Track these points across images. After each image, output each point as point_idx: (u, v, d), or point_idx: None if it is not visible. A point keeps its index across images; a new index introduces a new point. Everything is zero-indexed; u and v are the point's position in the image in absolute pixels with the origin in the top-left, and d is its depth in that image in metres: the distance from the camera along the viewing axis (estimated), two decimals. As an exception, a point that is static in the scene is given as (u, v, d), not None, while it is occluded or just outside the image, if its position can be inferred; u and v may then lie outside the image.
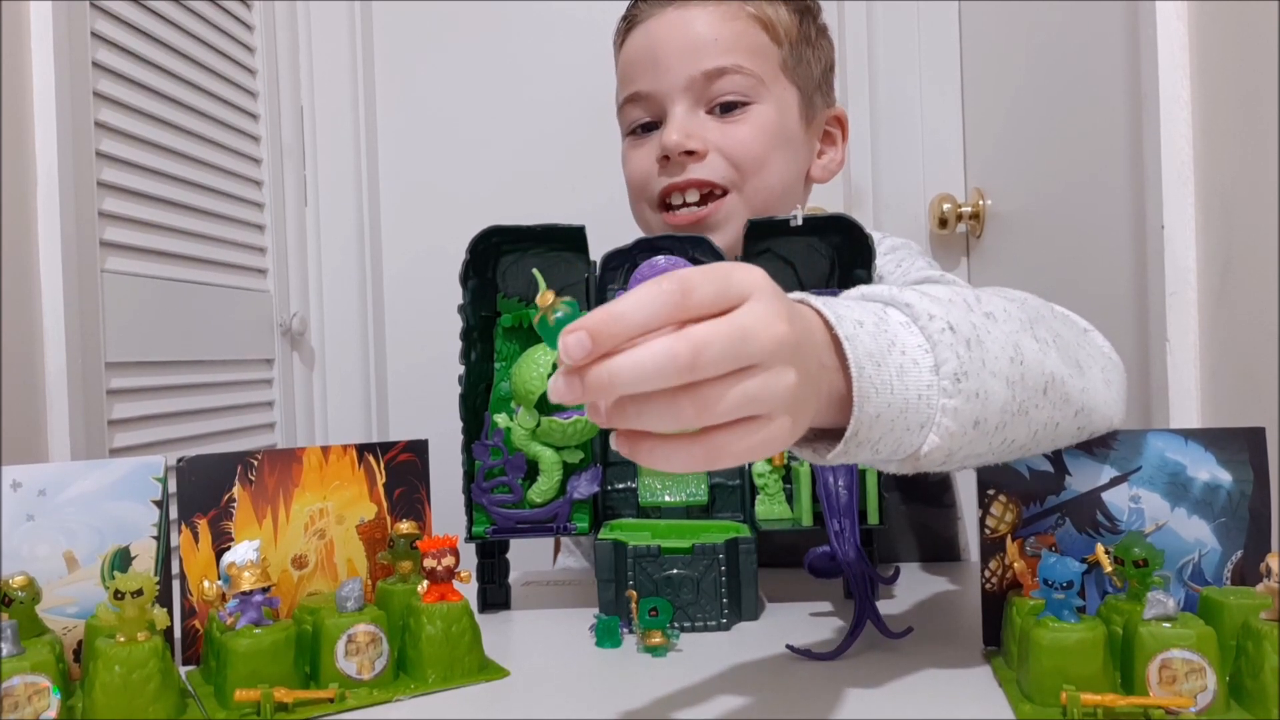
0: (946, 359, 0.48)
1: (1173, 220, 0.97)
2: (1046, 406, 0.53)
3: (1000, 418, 0.51)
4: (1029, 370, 0.52)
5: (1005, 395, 0.51)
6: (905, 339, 0.49)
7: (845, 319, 0.47)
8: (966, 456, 0.51)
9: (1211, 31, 0.94)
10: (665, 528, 0.70)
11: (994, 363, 0.50)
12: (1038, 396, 0.53)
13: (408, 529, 0.64)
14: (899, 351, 0.48)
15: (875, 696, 0.54)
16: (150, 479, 0.59)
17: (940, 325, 0.49)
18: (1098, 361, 0.60)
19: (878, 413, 0.47)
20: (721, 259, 0.73)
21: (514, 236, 0.74)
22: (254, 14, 1.64)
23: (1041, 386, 0.53)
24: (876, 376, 0.47)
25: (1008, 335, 0.52)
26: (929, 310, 0.50)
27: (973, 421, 0.49)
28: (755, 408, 0.41)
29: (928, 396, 0.48)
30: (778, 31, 0.88)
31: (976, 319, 0.51)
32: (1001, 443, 0.52)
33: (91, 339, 1.17)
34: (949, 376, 0.48)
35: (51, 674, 0.50)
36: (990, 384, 0.50)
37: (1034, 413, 0.53)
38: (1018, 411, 0.51)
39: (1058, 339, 0.56)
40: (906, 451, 0.49)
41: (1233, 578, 0.57)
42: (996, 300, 0.55)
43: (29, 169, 1.10)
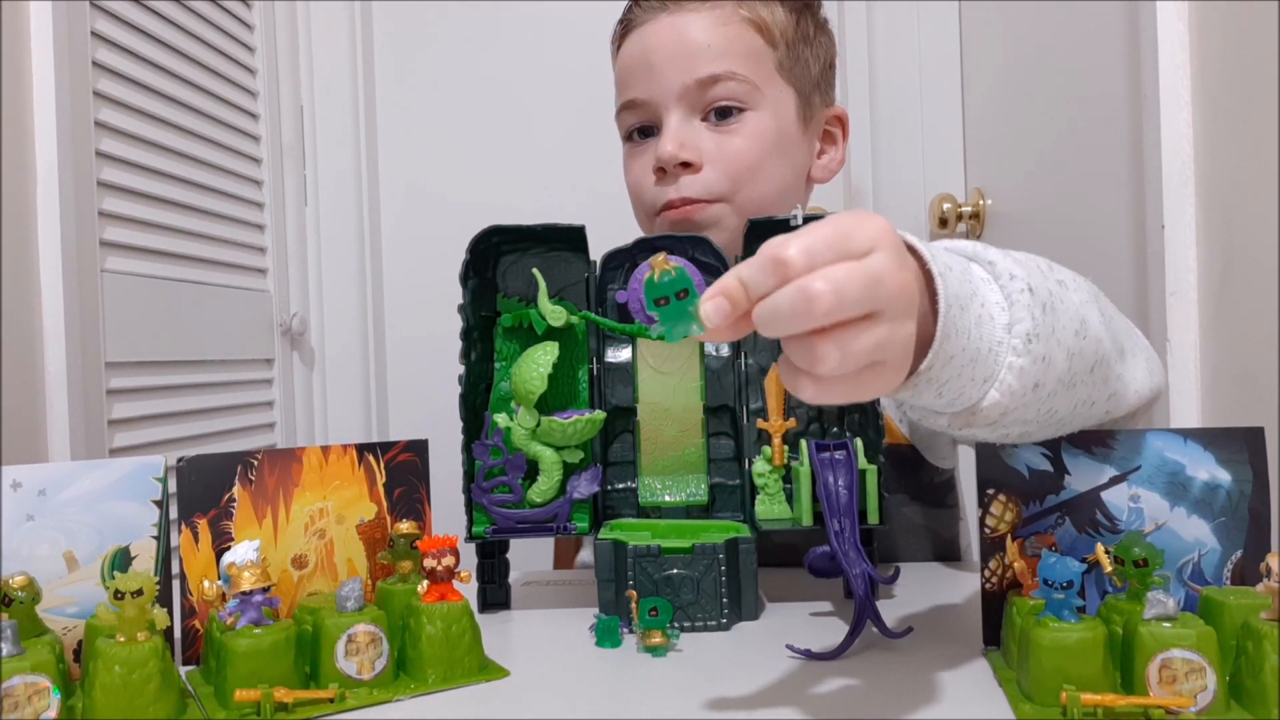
0: (1021, 318, 0.50)
1: (1173, 220, 0.97)
2: (1089, 384, 0.56)
3: (1055, 386, 0.53)
4: (1087, 346, 0.54)
5: (1064, 365, 0.53)
6: (985, 293, 0.51)
7: (937, 259, 0.49)
8: (1013, 423, 0.53)
9: (1212, 32, 0.94)
10: (665, 528, 0.70)
11: (1062, 331, 0.52)
12: (1085, 373, 0.55)
13: (408, 529, 0.64)
14: (979, 303, 0.50)
15: (875, 696, 0.54)
16: (150, 479, 0.59)
17: (1020, 286, 0.51)
18: (1141, 351, 0.63)
19: (953, 354, 0.49)
20: (722, 259, 0.73)
21: (514, 236, 0.74)
22: (254, 14, 1.64)
23: (1091, 364, 0.55)
24: (960, 319, 0.49)
25: (1077, 307, 0.54)
26: (1010, 270, 0.51)
27: (1034, 384, 0.51)
28: (882, 354, 0.43)
29: (998, 352, 0.50)
30: (773, 33, 0.88)
31: (1052, 285, 0.53)
32: (1047, 413, 0.54)
33: (91, 339, 1.17)
34: (1021, 336, 0.50)
35: (51, 674, 0.50)
36: (1055, 351, 0.52)
37: (1079, 388, 0.55)
38: (1069, 384, 0.54)
39: (1111, 322, 0.58)
40: (966, 402, 0.51)
41: (1233, 578, 0.57)
42: (1065, 270, 0.57)
43: (29, 168, 1.10)
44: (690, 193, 0.86)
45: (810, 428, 0.74)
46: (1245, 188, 0.89)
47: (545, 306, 0.71)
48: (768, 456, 0.71)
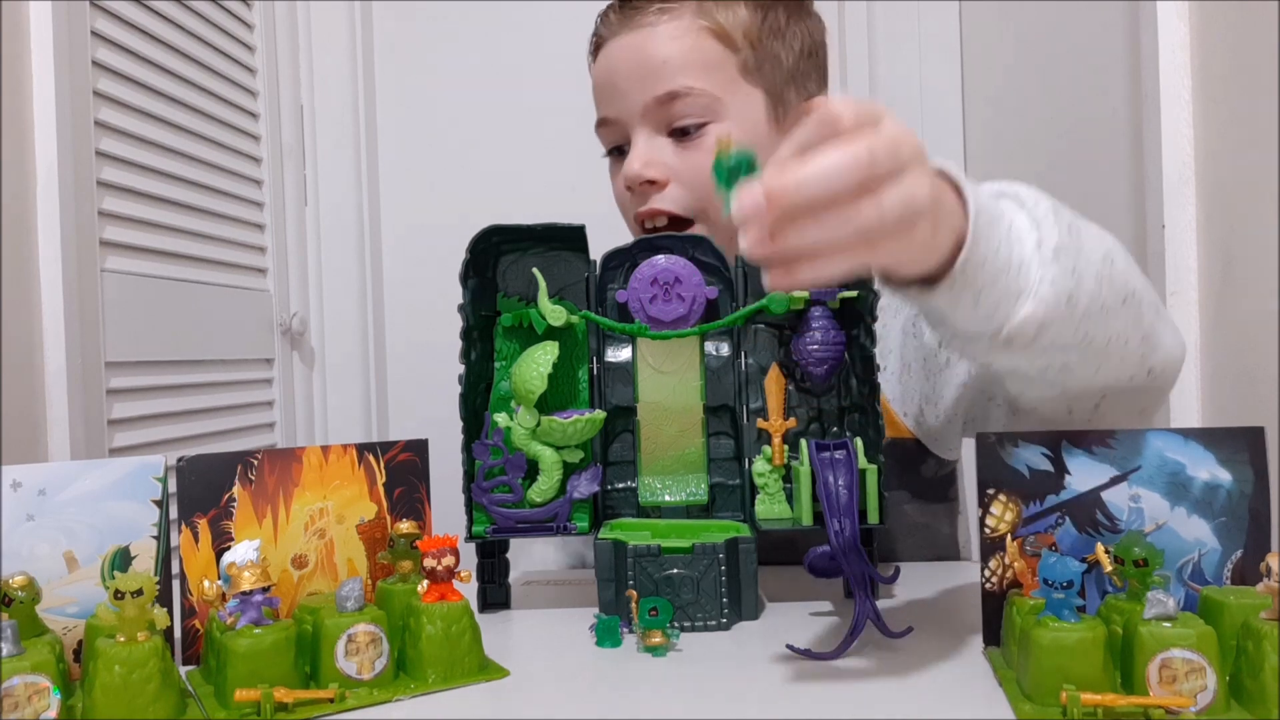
0: (1049, 234, 0.53)
1: (1174, 220, 0.97)
2: (1124, 318, 0.58)
3: (1088, 305, 0.55)
4: (1117, 274, 0.57)
5: (1093, 286, 0.55)
6: (1013, 217, 0.54)
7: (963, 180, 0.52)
8: (1052, 346, 0.55)
9: (1212, 32, 0.94)
10: (665, 527, 0.70)
11: (1089, 253, 0.55)
12: (1119, 305, 0.57)
13: (408, 529, 0.64)
14: (1006, 224, 0.54)
15: (875, 696, 0.54)
16: (150, 479, 0.59)
17: (1045, 209, 0.55)
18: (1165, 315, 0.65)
19: (985, 258, 0.52)
20: (723, 259, 0.73)
21: (514, 236, 0.74)
22: (254, 14, 1.64)
23: (1123, 296, 0.57)
24: (989, 229, 0.52)
25: (1100, 242, 0.57)
26: (1035, 198, 0.55)
27: (1066, 296, 0.54)
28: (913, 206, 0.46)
29: (1029, 265, 0.53)
30: (733, 38, 0.86)
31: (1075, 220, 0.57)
32: (1083, 338, 0.56)
33: (91, 338, 1.17)
34: (1050, 249, 0.53)
35: (51, 674, 0.50)
36: (1085, 267, 0.55)
37: (1112, 320, 0.57)
38: (1102, 309, 0.56)
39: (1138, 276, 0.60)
40: (1003, 318, 0.54)
41: (1233, 577, 0.57)
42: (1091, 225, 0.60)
43: (29, 168, 1.10)
44: (660, 205, 0.86)
45: (810, 428, 0.74)
46: (1245, 188, 0.89)
47: (545, 306, 0.71)
48: (768, 456, 0.71)
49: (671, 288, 0.71)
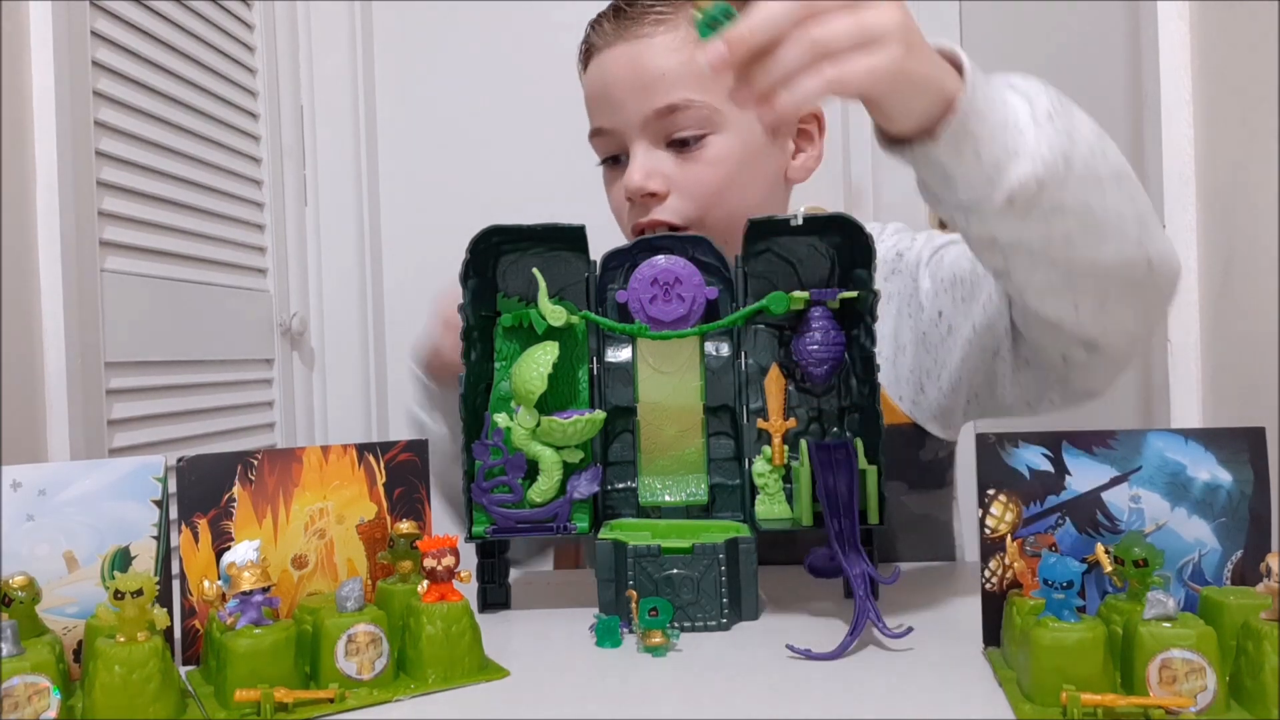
0: (1041, 102, 0.59)
1: (1174, 220, 0.97)
2: (1119, 194, 0.61)
3: (1084, 168, 0.59)
4: (1109, 150, 0.61)
5: (1088, 154, 0.60)
6: (1006, 88, 0.60)
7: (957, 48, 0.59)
8: (1053, 210, 0.60)
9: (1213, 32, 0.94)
10: (665, 528, 0.70)
11: (1081, 125, 0.60)
12: (1113, 180, 0.61)
13: (408, 529, 0.64)
14: (1002, 91, 0.59)
15: (875, 696, 0.54)
16: (150, 479, 0.59)
17: (1037, 90, 0.60)
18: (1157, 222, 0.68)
19: (984, 111, 0.57)
20: (723, 259, 0.73)
21: (514, 236, 0.74)
22: (254, 14, 1.64)
23: (1116, 173, 0.61)
24: (985, 87, 0.58)
25: (1091, 122, 0.62)
26: (1025, 78, 0.60)
27: (1063, 156, 0.58)
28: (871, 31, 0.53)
29: (1025, 127, 0.58)
30: None
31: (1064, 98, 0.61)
32: (1082, 205, 0.60)
33: (91, 339, 1.17)
34: (1044, 112, 0.58)
35: (51, 674, 0.50)
36: (1078, 130, 0.59)
37: (1109, 193, 0.61)
38: (1097, 179, 0.60)
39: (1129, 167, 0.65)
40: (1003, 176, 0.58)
41: (1233, 578, 0.57)
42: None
43: (29, 168, 1.10)
44: (660, 216, 0.86)
45: (810, 428, 0.74)
46: (1245, 188, 0.89)
47: (545, 306, 0.71)
48: (768, 456, 0.71)
49: (671, 288, 0.71)
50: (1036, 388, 0.80)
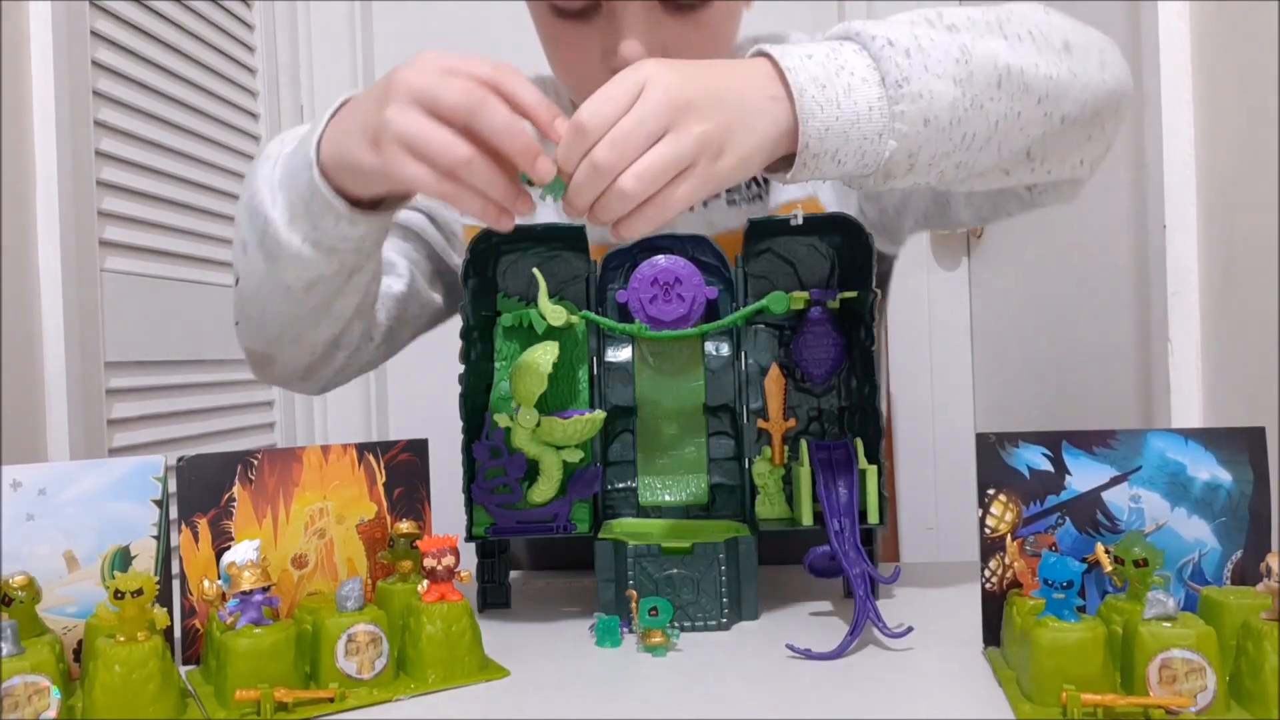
0: (889, 70, 0.57)
1: (1175, 220, 0.97)
2: (1003, 99, 0.60)
3: (951, 114, 0.58)
4: (977, 67, 0.59)
5: (953, 93, 0.58)
6: (854, 62, 0.57)
7: (792, 54, 0.57)
8: (932, 158, 0.59)
9: (1213, 32, 0.94)
10: (665, 528, 0.70)
11: (936, 65, 0.58)
12: (991, 89, 0.59)
13: (408, 529, 0.64)
14: (848, 73, 0.57)
15: (875, 696, 0.54)
16: (150, 479, 0.59)
17: (882, 43, 0.57)
18: (1095, 48, 0.66)
19: (826, 126, 0.56)
20: (723, 259, 0.73)
21: (514, 236, 0.74)
22: (254, 14, 1.64)
23: (995, 80, 0.60)
24: (821, 95, 0.56)
25: (957, 40, 0.59)
26: (873, 33, 0.58)
27: (922, 120, 0.57)
28: (679, 162, 0.54)
29: (879, 106, 0.57)
30: None
31: (925, 31, 0.59)
32: (961, 139, 0.59)
33: (91, 338, 1.17)
34: (893, 84, 0.56)
35: (51, 674, 0.50)
36: (934, 85, 0.57)
37: (989, 105, 0.60)
38: (970, 106, 0.59)
39: (1033, 33, 0.62)
40: (872, 161, 0.58)
41: (1233, 577, 0.57)
42: (963, 13, 0.62)
43: (29, 168, 1.10)
44: None
45: (810, 428, 0.74)
46: (1246, 188, 0.89)
47: (545, 306, 0.71)
48: (768, 456, 0.71)
49: (672, 288, 0.71)
50: (991, 207, 0.79)
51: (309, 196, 0.65)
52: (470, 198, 0.58)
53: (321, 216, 0.65)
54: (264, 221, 0.68)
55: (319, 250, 0.68)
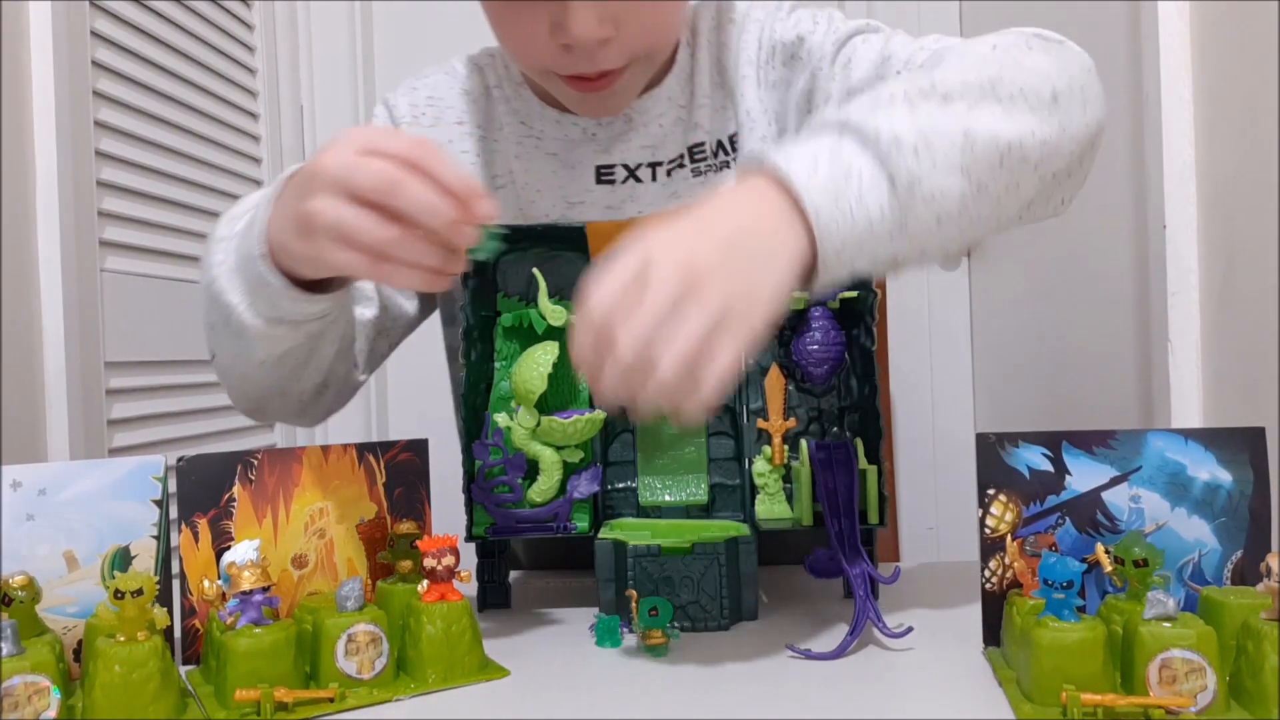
0: (897, 172, 0.54)
1: (1175, 220, 0.97)
2: (1004, 175, 0.59)
3: (960, 204, 0.57)
4: (980, 151, 0.57)
5: (961, 185, 0.57)
6: (860, 164, 0.55)
7: (798, 166, 0.54)
8: (941, 244, 0.59)
9: (1213, 31, 0.94)
10: (665, 527, 0.70)
11: (944, 159, 0.56)
12: (994, 170, 0.58)
13: (408, 529, 0.64)
14: (856, 178, 0.54)
15: (875, 696, 0.54)
16: (150, 479, 0.59)
17: (889, 141, 0.55)
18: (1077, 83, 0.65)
19: (843, 241, 0.54)
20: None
21: (514, 236, 0.74)
22: (254, 14, 1.64)
23: (997, 160, 0.58)
24: (835, 211, 0.53)
25: (959, 123, 0.57)
26: (876, 126, 0.55)
27: (934, 220, 0.56)
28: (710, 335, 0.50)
29: (890, 211, 0.55)
30: None
31: (926, 113, 0.57)
32: (968, 223, 0.59)
33: (91, 339, 1.17)
34: (904, 188, 0.55)
35: (51, 674, 0.50)
36: (942, 181, 0.56)
37: (992, 185, 0.58)
38: (977, 193, 0.58)
39: (1024, 90, 0.61)
40: (885, 260, 0.57)
41: (1233, 578, 0.57)
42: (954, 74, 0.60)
43: (29, 168, 1.10)
44: (607, 64, 0.74)
45: (810, 428, 0.74)
46: (1246, 188, 0.89)
47: (545, 306, 0.71)
48: (768, 456, 0.71)
49: (671, 288, 0.71)
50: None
51: (261, 285, 0.65)
52: (404, 274, 0.58)
53: (278, 300, 0.66)
54: (226, 308, 0.69)
55: (283, 327, 0.68)
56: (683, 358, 0.49)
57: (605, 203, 0.85)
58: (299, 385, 0.78)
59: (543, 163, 0.86)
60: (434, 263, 0.57)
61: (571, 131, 0.86)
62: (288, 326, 0.68)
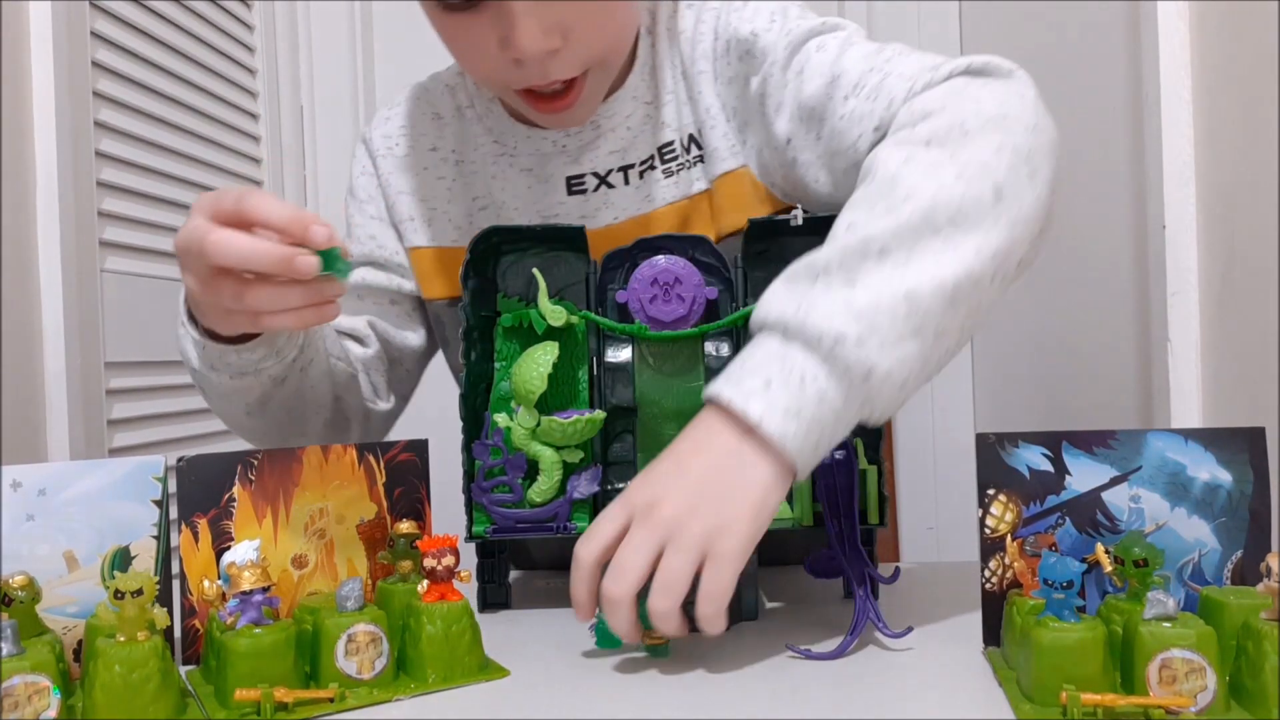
0: (850, 367, 0.55)
1: (1174, 220, 0.97)
2: (960, 309, 0.58)
3: (922, 360, 0.57)
4: (929, 305, 0.56)
5: (916, 345, 0.56)
6: (810, 368, 0.56)
7: (752, 395, 0.56)
8: (918, 387, 0.59)
9: (1212, 31, 0.94)
10: (665, 528, 0.70)
11: (891, 333, 0.56)
12: (947, 313, 0.57)
13: (408, 529, 0.64)
14: (810, 381, 0.55)
15: (875, 696, 0.54)
16: (150, 479, 0.59)
17: (830, 342, 0.55)
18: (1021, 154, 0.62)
19: (815, 442, 0.56)
20: (722, 259, 0.73)
21: (514, 236, 0.74)
22: (254, 14, 1.65)
23: (948, 302, 0.57)
24: (799, 425, 0.55)
25: (898, 282, 0.56)
26: (817, 328, 0.55)
27: (897, 387, 0.57)
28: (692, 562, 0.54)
29: (852, 397, 0.56)
30: None
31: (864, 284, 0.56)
32: (937, 364, 0.59)
33: (91, 339, 1.17)
34: (859, 380, 0.55)
35: (51, 674, 0.50)
36: (896, 354, 0.56)
37: (951, 324, 0.58)
38: (935, 339, 0.57)
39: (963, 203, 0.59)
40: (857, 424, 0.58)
41: (1233, 578, 0.57)
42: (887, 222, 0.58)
43: (29, 169, 1.10)
44: (560, 74, 0.74)
45: (810, 428, 0.74)
46: (1246, 188, 0.89)
47: (545, 306, 0.71)
48: (768, 456, 0.71)
49: (671, 288, 0.71)
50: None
51: (199, 345, 0.71)
52: (281, 319, 0.62)
53: (222, 357, 0.71)
54: (194, 370, 0.74)
55: (245, 378, 0.73)
56: (668, 588, 0.54)
57: (579, 213, 0.84)
58: (307, 426, 0.81)
59: (518, 179, 0.86)
60: (296, 301, 0.61)
61: (543, 145, 0.85)
62: (249, 377, 0.72)
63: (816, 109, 0.73)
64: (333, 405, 0.83)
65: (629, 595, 0.55)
